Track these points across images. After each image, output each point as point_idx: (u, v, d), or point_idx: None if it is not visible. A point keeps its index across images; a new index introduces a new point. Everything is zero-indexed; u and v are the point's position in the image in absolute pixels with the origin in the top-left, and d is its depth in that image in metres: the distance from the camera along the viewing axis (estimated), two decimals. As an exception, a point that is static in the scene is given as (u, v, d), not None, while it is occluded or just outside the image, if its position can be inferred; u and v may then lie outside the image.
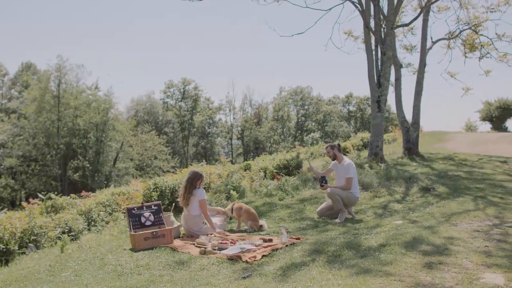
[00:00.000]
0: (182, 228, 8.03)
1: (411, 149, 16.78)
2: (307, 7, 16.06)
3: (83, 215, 10.85)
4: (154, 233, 7.04)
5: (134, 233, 7.03)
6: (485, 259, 5.25)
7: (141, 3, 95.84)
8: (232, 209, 8.42)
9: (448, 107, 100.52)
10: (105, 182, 46.46)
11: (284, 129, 75.01)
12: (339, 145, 9.27)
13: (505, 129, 43.19)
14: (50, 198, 12.40)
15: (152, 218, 7.45)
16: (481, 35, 19.00)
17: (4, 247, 8.18)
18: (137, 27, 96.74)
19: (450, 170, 13.35)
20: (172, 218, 7.94)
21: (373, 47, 15.80)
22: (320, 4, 66.94)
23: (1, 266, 7.64)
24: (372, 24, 15.86)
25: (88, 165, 50.14)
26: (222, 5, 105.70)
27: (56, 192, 13.38)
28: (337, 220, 8.51)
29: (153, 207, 7.59)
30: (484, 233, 6.55)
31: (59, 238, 9.02)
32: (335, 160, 9.16)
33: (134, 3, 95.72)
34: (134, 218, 7.36)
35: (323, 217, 8.88)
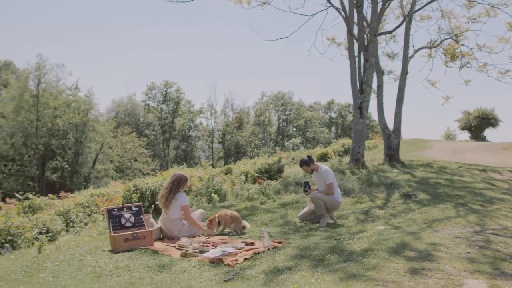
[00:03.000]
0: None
1: (392, 155, 16.88)
2: (291, 12, 16.16)
3: (61, 216, 10.63)
4: (134, 234, 6.92)
5: (114, 235, 6.90)
6: (468, 265, 5.25)
7: (123, 4, 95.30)
8: (218, 221, 8.22)
9: (428, 115, 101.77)
10: (83, 183, 45.90)
11: (265, 134, 75.21)
12: (309, 157, 9.22)
13: (483, 139, 43.81)
14: (27, 198, 12.15)
15: (132, 219, 7.32)
16: (462, 44, 19.24)
17: (-21, 247, 7.99)
18: (119, 28, 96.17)
19: (431, 178, 13.43)
20: (152, 220, 7.82)
21: (356, 54, 15.90)
22: (304, 9, 67.30)
23: (-25, 267, 7.44)
24: (355, 30, 15.96)
25: (66, 166, 49.45)
26: (206, 8, 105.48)
27: (33, 193, 13.13)
28: (318, 225, 8.49)
29: (133, 209, 7.46)
30: (466, 239, 6.57)
31: (36, 238, 8.82)
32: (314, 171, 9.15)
33: (115, 3, 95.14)
34: (114, 219, 7.23)
35: (305, 222, 8.85)
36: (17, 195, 12.28)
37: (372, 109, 57.95)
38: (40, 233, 9.21)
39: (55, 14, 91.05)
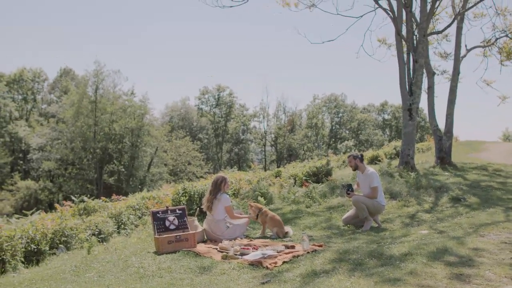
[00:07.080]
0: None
1: (443, 158, 16.50)
2: (338, 14, 16.10)
3: (113, 218, 11.00)
4: (178, 237, 7.13)
5: (158, 237, 7.13)
6: (510, 272, 5.11)
7: (176, 10, 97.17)
8: (258, 213, 8.38)
9: (484, 116, 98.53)
10: (139, 186, 47.17)
11: (318, 137, 74.67)
12: (361, 155, 9.17)
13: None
14: (82, 201, 12.65)
15: (176, 222, 7.54)
16: (518, 42, 18.62)
17: (35, 247, 8.35)
18: (171, 33, 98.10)
19: (483, 181, 13.07)
20: (196, 222, 8.03)
21: (405, 55, 15.64)
22: (352, 11, 66.81)
23: (32, 266, 7.83)
24: (404, 31, 15.71)
25: (123, 169, 51.04)
26: (256, 12, 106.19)
27: (89, 195, 13.62)
28: (362, 229, 8.45)
29: (177, 211, 7.68)
30: (511, 245, 6.39)
31: (88, 240, 9.18)
32: (358, 170, 9.12)
33: (167, 9, 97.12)
34: (159, 221, 7.47)
35: (348, 225, 8.82)
36: (73, 197, 12.80)
37: (426, 110, 56.71)
38: (93, 234, 9.56)
39: (113, 19, 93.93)
